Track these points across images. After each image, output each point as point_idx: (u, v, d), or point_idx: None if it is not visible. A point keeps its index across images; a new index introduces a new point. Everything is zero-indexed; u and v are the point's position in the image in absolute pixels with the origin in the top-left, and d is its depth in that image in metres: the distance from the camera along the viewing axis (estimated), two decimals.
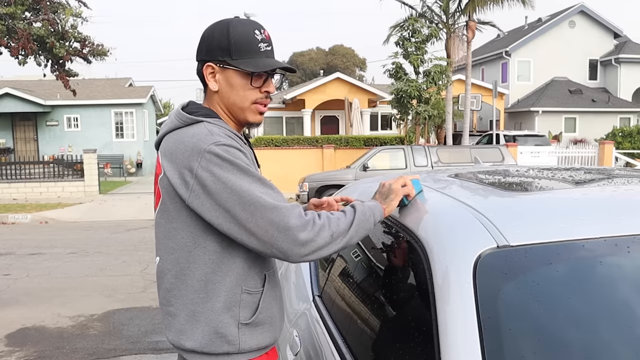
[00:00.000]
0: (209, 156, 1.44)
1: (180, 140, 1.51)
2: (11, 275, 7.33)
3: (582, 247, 1.27)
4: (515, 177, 2.04)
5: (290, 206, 1.46)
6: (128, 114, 25.25)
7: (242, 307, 1.57)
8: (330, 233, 1.47)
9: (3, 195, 16.42)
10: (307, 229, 1.43)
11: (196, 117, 1.55)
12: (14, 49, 14.77)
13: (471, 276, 1.22)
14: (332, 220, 1.50)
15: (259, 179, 1.47)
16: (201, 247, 1.53)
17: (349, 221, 1.51)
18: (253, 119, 1.65)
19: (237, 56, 1.57)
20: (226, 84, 1.60)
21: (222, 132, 1.52)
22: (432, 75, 16.40)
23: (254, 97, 1.61)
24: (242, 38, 1.57)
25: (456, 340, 1.15)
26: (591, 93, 29.48)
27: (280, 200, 1.47)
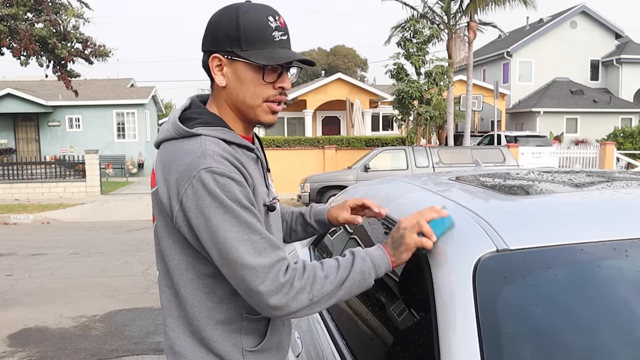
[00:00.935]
0: (196, 184, 1.28)
1: (174, 157, 1.35)
2: (13, 276, 7.35)
3: (580, 250, 1.28)
4: (515, 180, 2.05)
5: (267, 265, 1.28)
6: (130, 114, 25.28)
7: (244, 335, 1.44)
8: (310, 297, 1.30)
9: (5, 196, 16.44)
10: (280, 293, 1.27)
11: (192, 131, 1.37)
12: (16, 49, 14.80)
13: (471, 280, 1.23)
14: (316, 280, 1.31)
15: (243, 222, 1.29)
16: (194, 270, 1.40)
17: (339, 281, 1.33)
18: (265, 119, 1.45)
19: (248, 46, 1.37)
20: (235, 79, 1.41)
21: (219, 153, 1.33)
22: (433, 76, 16.42)
23: (267, 94, 1.42)
24: (253, 25, 1.37)
25: (456, 343, 1.16)
26: (592, 93, 29.48)
27: (262, 251, 1.29)
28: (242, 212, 1.30)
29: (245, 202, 1.32)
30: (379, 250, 1.39)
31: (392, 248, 1.39)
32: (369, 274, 1.35)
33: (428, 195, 1.86)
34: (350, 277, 1.33)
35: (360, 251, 1.38)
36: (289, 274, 1.30)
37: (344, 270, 1.34)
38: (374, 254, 1.38)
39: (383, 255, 1.38)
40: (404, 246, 1.37)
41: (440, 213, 1.40)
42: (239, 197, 1.31)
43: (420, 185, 2.07)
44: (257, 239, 1.30)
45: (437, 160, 13.34)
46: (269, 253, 1.30)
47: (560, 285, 1.25)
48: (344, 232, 2.39)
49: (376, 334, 1.66)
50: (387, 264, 1.38)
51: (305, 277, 1.31)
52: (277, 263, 1.30)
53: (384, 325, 1.63)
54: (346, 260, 1.36)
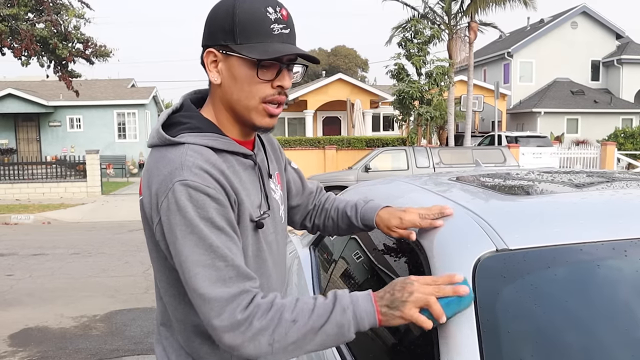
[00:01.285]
0: (170, 197, 1.18)
1: (156, 166, 1.25)
2: (14, 276, 7.36)
3: (580, 251, 1.28)
4: (515, 181, 2.05)
5: (226, 297, 1.15)
6: (130, 114, 25.30)
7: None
8: (270, 341, 1.15)
9: (6, 196, 16.46)
10: (235, 332, 1.14)
11: (174, 139, 1.26)
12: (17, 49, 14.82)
13: (470, 279, 1.24)
14: (281, 323, 1.15)
15: (209, 244, 1.17)
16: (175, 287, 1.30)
17: (309, 330, 1.16)
18: (260, 122, 1.31)
19: (242, 39, 1.23)
20: (229, 76, 1.28)
21: (198, 165, 1.21)
22: (434, 76, 16.44)
23: (263, 94, 1.28)
24: (249, 16, 1.23)
25: (455, 343, 1.16)
26: (593, 94, 29.49)
27: (226, 280, 1.16)
28: (210, 234, 1.18)
29: (218, 221, 1.19)
30: (368, 304, 1.18)
31: (386, 306, 1.17)
32: (349, 328, 1.17)
33: (428, 196, 1.86)
34: (324, 328, 1.16)
35: (343, 298, 1.19)
36: (249, 310, 1.15)
37: (318, 318, 1.16)
38: (360, 305, 1.18)
39: (371, 311, 1.17)
40: (399, 312, 1.16)
41: (458, 290, 1.16)
42: (211, 215, 1.19)
43: (421, 186, 2.07)
44: (222, 265, 1.17)
45: (438, 161, 13.35)
46: (232, 283, 1.16)
47: (559, 285, 1.25)
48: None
49: (376, 334, 1.66)
50: (373, 321, 1.18)
51: (269, 318, 1.15)
52: (238, 296, 1.16)
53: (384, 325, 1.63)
54: (324, 307, 1.18)
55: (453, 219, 1.48)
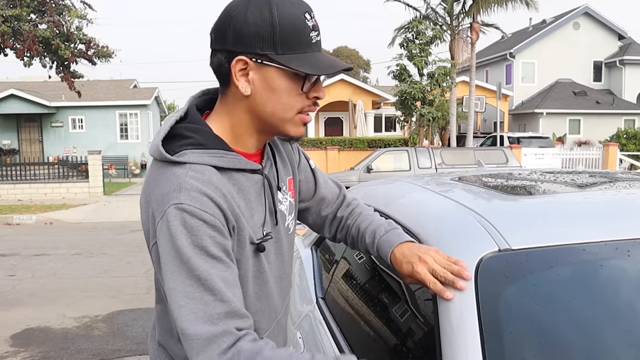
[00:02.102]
0: (164, 220, 1.11)
1: (155, 184, 1.17)
2: (16, 276, 7.37)
3: (582, 250, 1.28)
4: (517, 181, 2.05)
5: (206, 336, 1.07)
6: (132, 115, 25.32)
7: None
8: None
9: (8, 196, 16.48)
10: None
11: (175, 159, 1.16)
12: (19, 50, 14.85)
13: (473, 279, 1.24)
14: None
15: (198, 276, 1.09)
16: None
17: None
18: (295, 133, 1.24)
19: (285, 49, 1.13)
20: (264, 87, 1.17)
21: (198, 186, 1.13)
22: (436, 77, 16.45)
23: (301, 105, 1.20)
24: (290, 24, 1.13)
25: (458, 343, 1.16)
26: (595, 95, 29.46)
27: (211, 317, 1.08)
28: (203, 264, 1.09)
29: (213, 250, 1.11)
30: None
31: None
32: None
33: (430, 196, 1.86)
34: None
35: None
36: (228, 355, 1.06)
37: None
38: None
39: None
40: None
41: None
42: (205, 244, 1.10)
43: (423, 186, 2.07)
44: (211, 300, 1.08)
45: (440, 161, 13.34)
46: (218, 321, 1.08)
47: (562, 286, 1.25)
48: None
49: (378, 334, 1.66)
50: None
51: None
52: (220, 337, 1.07)
53: (385, 325, 1.63)
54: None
55: (455, 219, 1.48)
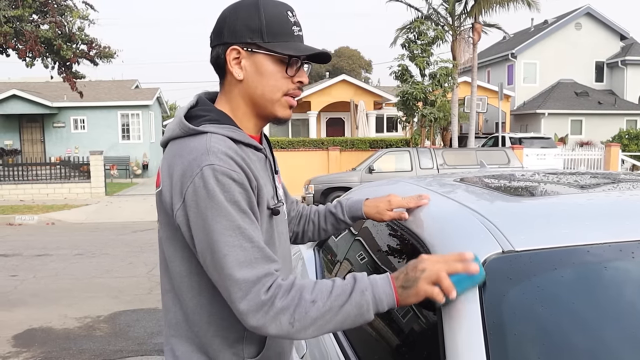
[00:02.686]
0: (198, 181, 1.23)
1: (179, 154, 1.30)
2: (18, 277, 7.38)
3: (586, 252, 1.28)
4: (520, 182, 2.04)
5: (252, 279, 1.20)
6: (134, 115, 25.35)
7: (246, 344, 1.38)
8: (291, 321, 1.20)
9: (10, 197, 16.50)
10: (259, 313, 1.20)
11: (198, 128, 1.32)
12: (21, 51, 14.86)
13: None
14: (301, 303, 1.21)
15: (237, 226, 1.23)
16: (195, 275, 1.34)
17: (328, 310, 1.21)
18: (282, 114, 1.42)
19: (271, 38, 1.34)
20: (254, 72, 1.36)
21: (223, 151, 1.27)
22: (437, 77, 16.42)
23: (286, 88, 1.39)
24: (275, 18, 1.35)
25: (461, 345, 1.16)
26: (597, 95, 29.42)
27: (252, 261, 1.22)
28: (238, 216, 1.24)
29: (244, 205, 1.26)
30: (386, 285, 1.23)
31: (402, 287, 1.23)
32: (367, 309, 1.22)
33: (433, 197, 1.86)
34: (343, 308, 1.21)
35: (362, 280, 1.24)
36: (271, 291, 1.21)
37: (337, 298, 1.21)
38: (378, 286, 1.23)
39: (389, 291, 1.23)
40: (413, 290, 1.21)
41: (468, 268, 1.20)
42: (237, 199, 1.25)
43: (425, 187, 2.07)
44: (249, 246, 1.23)
45: (442, 162, 13.33)
46: (258, 265, 1.23)
47: (566, 287, 1.24)
48: (348, 233, 2.39)
49: (381, 335, 1.66)
50: (391, 302, 1.23)
51: (290, 298, 1.21)
52: (262, 278, 1.22)
53: (388, 326, 1.62)
54: (343, 287, 1.23)
55: (459, 220, 1.48)
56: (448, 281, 1.20)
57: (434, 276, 1.20)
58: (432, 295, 1.20)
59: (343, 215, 1.76)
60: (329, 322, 1.21)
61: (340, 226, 1.79)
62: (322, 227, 1.80)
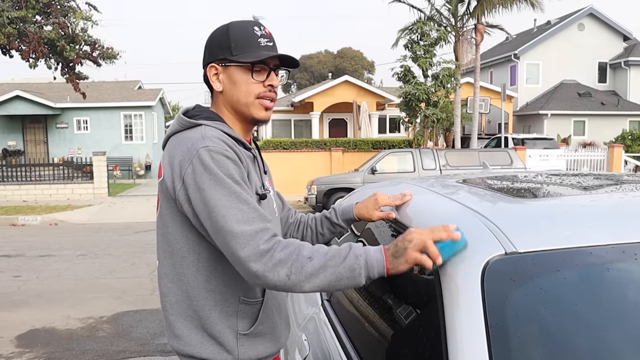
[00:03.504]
0: (195, 161, 1.42)
1: (177, 143, 1.50)
2: (21, 277, 7.39)
3: (589, 254, 1.27)
4: (523, 183, 2.04)
5: (251, 232, 1.36)
6: (137, 116, 25.38)
7: (240, 318, 1.54)
8: (288, 273, 1.34)
9: (13, 197, 16.54)
10: (259, 261, 1.33)
11: (193, 121, 1.54)
12: (24, 52, 14.89)
13: (479, 283, 1.23)
14: (299, 258, 1.35)
15: (233, 192, 1.39)
16: (195, 253, 1.50)
17: (322, 267, 1.35)
18: (259, 115, 1.60)
19: (237, 51, 1.54)
20: (229, 82, 1.58)
21: (216, 136, 1.47)
22: (440, 78, 16.39)
23: (257, 91, 1.57)
24: (241, 34, 1.55)
25: (464, 347, 1.16)
26: (600, 96, 29.35)
27: (249, 219, 1.38)
28: (232, 184, 1.40)
29: (237, 177, 1.43)
30: (378, 253, 1.38)
31: (392, 256, 1.36)
32: (359, 273, 1.35)
33: (436, 198, 1.86)
34: (337, 269, 1.34)
35: (357, 247, 1.38)
36: (271, 243, 1.36)
37: (332, 259, 1.36)
38: (371, 254, 1.37)
39: (380, 258, 1.36)
40: (403, 258, 1.34)
41: (452, 235, 1.32)
42: (231, 172, 1.42)
43: (428, 188, 2.07)
44: (246, 208, 1.39)
45: (444, 163, 13.31)
46: (255, 222, 1.37)
47: (569, 289, 1.24)
48: (350, 235, 2.39)
49: (383, 337, 1.66)
50: (381, 269, 1.36)
51: (288, 252, 1.35)
52: (260, 231, 1.36)
53: (391, 327, 1.62)
54: (339, 251, 1.37)
55: (461, 222, 1.48)
56: (434, 247, 1.31)
57: (420, 244, 1.32)
58: (420, 261, 1.32)
59: (337, 219, 1.92)
60: (323, 279, 1.34)
61: (335, 230, 1.94)
62: (319, 232, 1.95)
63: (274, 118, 26.95)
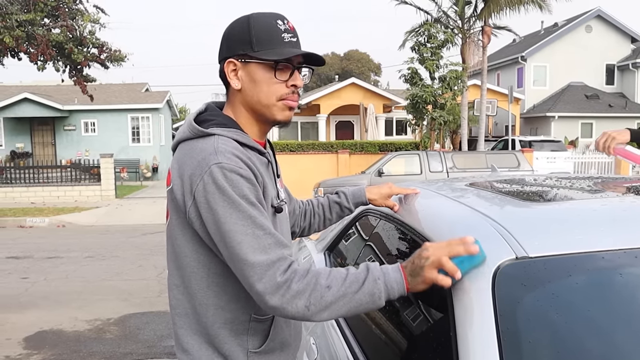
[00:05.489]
0: (207, 179, 1.31)
1: (189, 155, 1.39)
2: (29, 279, 7.42)
3: (601, 258, 1.26)
4: (532, 187, 2.03)
5: (267, 262, 1.28)
6: (144, 118, 25.46)
7: (250, 335, 1.45)
8: (307, 304, 1.27)
9: (21, 199, 16.61)
10: (276, 294, 1.26)
11: (206, 130, 1.41)
12: (33, 54, 14.94)
13: (490, 287, 1.22)
14: (317, 288, 1.28)
15: (248, 216, 1.30)
16: (205, 268, 1.42)
17: (342, 295, 1.28)
18: (282, 117, 1.48)
19: (259, 47, 1.41)
20: (249, 80, 1.44)
21: (230, 149, 1.36)
22: (447, 80, 16.36)
23: (280, 93, 1.44)
24: (263, 28, 1.42)
25: (475, 352, 1.15)
26: (608, 98, 29.22)
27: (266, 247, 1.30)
28: (248, 207, 1.31)
29: (252, 198, 1.33)
30: (397, 273, 1.31)
31: (410, 275, 1.30)
32: (379, 297, 1.29)
33: (445, 202, 1.85)
34: (357, 295, 1.28)
35: (375, 269, 1.31)
36: (287, 274, 1.28)
37: (351, 285, 1.29)
38: (390, 275, 1.30)
39: (400, 279, 1.30)
40: (421, 277, 1.28)
41: (470, 249, 1.26)
42: (246, 193, 1.32)
43: (436, 191, 2.06)
44: (262, 234, 1.30)
45: (451, 165, 13.27)
46: (271, 250, 1.30)
47: (581, 294, 1.23)
48: (358, 238, 2.39)
49: (393, 342, 1.65)
50: (402, 289, 1.30)
51: (305, 282, 1.28)
52: (277, 261, 1.29)
53: (400, 332, 1.61)
54: (357, 276, 1.30)
55: (471, 226, 1.47)
56: (450, 264, 1.26)
57: (437, 262, 1.26)
58: (437, 281, 1.27)
59: (348, 203, 1.90)
60: (342, 307, 1.28)
61: (344, 213, 1.93)
62: (327, 217, 1.93)
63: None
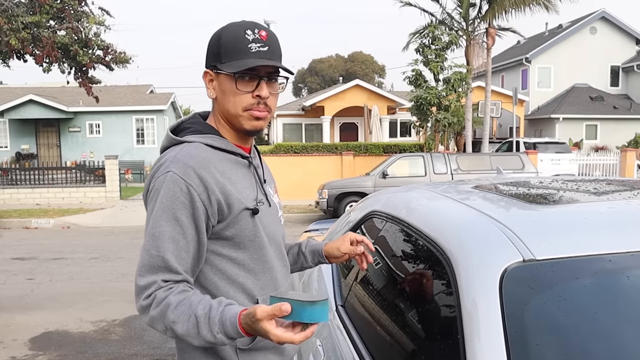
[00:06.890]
0: (153, 182, 1.44)
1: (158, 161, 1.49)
2: (35, 280, 7.44)
3: (608, 261, 1.26)
4: (538, 189, 2.03)
5: (142, 285, 1.36)
6: (149, 120, 25.52)
7: None
8: (163, 329, 1.35)
9: (26, 200, 16.66)
10: (144, 315, 1.37)
11: (177, 138, 1.50)
12: (38, 56, 15.00)
13: (497, 290, 1.23)
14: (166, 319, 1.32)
15: (152, 234, 1.38)
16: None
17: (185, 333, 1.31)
18: (249, 126, 1.50)
19: (226, 59, 1.45)
20: (220, 91, 1.49)
21: (186, 160, 1.40)
22: (451, 82, 16.35)
23: (245, 103, 1.46)
24: (231, 39, 1.44)
25: (482, 354, 1.15)
26: (613, 100, 29.13)
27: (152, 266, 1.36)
28: (163, 224, 1.37)
29: (179, 214, 1.38)
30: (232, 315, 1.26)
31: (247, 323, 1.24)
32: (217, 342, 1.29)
33: (451, 204, 1.85)
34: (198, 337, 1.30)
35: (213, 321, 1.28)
36: (149, 300, 1.35)
37: (194, 327, 1.30)
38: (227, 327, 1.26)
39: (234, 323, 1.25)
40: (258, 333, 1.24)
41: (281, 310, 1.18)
42: (175, 207, 1.38)
43: (442, 194, 2.06)
44: (155, 254, 1.37)
45: (456, 167, 13.26)
46: (151, 273, 1.36)
47: (588, 297, 1.23)
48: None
49: (399, 343, 1.65)
50: (233, 331, 1.26)
51: (158, 311, 1.33)
52: (150, 286, 1.35)
53: (407, 334, 1.62)
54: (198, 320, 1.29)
55: (478, 228, 1.47)
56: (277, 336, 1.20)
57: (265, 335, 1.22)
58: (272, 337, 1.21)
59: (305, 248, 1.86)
60: (190, 341, 1.32)
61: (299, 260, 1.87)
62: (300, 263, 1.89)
63: (284, 122, 27.01)
